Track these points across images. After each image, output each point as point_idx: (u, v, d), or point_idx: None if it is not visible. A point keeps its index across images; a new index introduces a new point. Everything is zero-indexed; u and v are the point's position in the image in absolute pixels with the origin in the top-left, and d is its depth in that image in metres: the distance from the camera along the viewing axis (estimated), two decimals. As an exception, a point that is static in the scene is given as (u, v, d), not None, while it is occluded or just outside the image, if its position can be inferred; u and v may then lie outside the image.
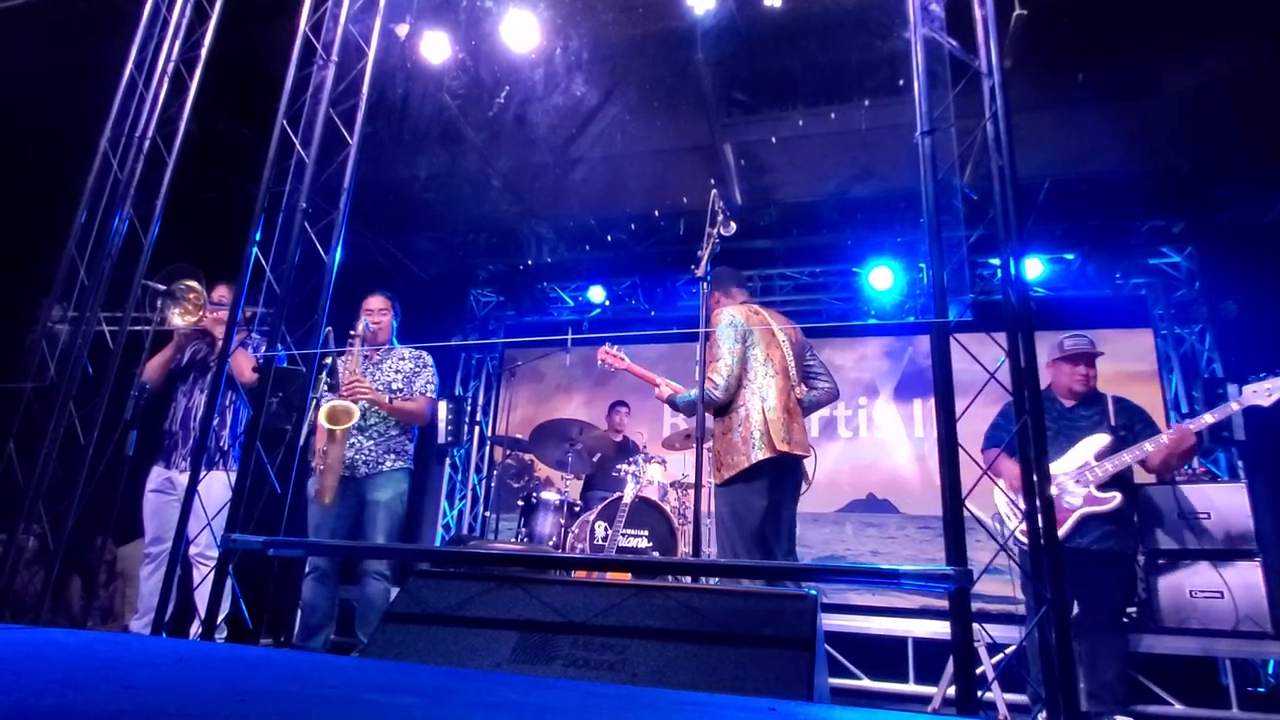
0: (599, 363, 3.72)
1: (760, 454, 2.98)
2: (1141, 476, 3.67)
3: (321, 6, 3.25)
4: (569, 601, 2.03)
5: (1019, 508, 3.39)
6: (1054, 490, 2.77)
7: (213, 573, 2.61)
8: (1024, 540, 3.16)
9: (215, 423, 3.15)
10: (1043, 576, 1.94)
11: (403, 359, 3.79)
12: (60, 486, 2.98)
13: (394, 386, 3.68)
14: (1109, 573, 3.25)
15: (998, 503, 3.50)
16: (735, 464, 3.01)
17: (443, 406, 6.73)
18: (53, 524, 2.96)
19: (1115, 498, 3.25)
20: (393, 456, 3.61)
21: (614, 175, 5.32)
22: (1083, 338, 3.51)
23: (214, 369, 3.39)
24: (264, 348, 2.93)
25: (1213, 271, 5.60)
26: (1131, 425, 3.38)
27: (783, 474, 3.08)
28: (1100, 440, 3.35)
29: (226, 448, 3.44)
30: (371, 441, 3.58)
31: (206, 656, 1.81)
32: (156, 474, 3.48)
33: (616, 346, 3.70)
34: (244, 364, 3.38)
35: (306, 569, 3.49)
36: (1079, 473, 3.32)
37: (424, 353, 3.86)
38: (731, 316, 3.19)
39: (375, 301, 3.81)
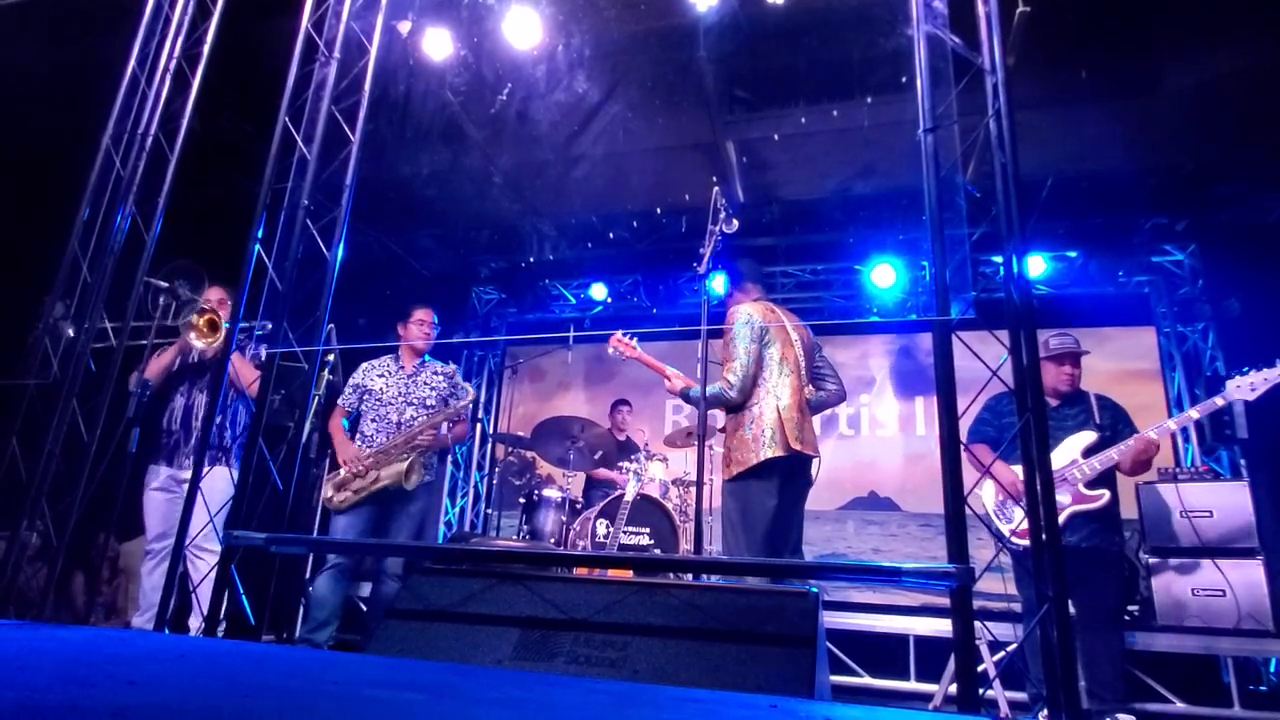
0: (610, 350, 3.69)
1: (772, 451, 2.95)
2: (1141, 476, 3.67)
3: (324, 4, 3.25)
4: (570, 599, 2.03)
5: (1006, 510, 3.41)
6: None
7: (214, 569, 2.62)
8: (1016, 541, 3.18)
9: (218, 420, 3.16)
10: (1044, 574, 1.94)
11: (436, 374, 3.90)
12: (63, 483, 2.99)
13: (428, 403, 3.79)
14: (1100, 570, 3.24)
15: (984, 500, 3.49)
16: (745, 460, 2.98)
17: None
18: (55, 520, 2.97)
19: (1104, 495, 3.25)
20: (427, 473, 3.75)
21: (616, 172, 5.30)
22: (1068, 337, 3.49)
23: (212, 368, 3.40)
24: (264, 352, 2.94)
25: (1215, 269, 5.59)
26: (1115, 423, 3.38)
27: (793, 473, 3.06)
28: (1087, 438, 3.34)
29: (229, 445, 3.45)
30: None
31: (209, 652, 1.81)
32: (161, 473, 3.48)
33: (629, 335, 3.67)
34: (245, 373, 3.39)
35: (326, 563, 3.52)
36: (1066, 470, 3.31)
37: (454, 365, 4.01)
38: (748, 315, 3.13)
39: (428, 314, 3.97)
